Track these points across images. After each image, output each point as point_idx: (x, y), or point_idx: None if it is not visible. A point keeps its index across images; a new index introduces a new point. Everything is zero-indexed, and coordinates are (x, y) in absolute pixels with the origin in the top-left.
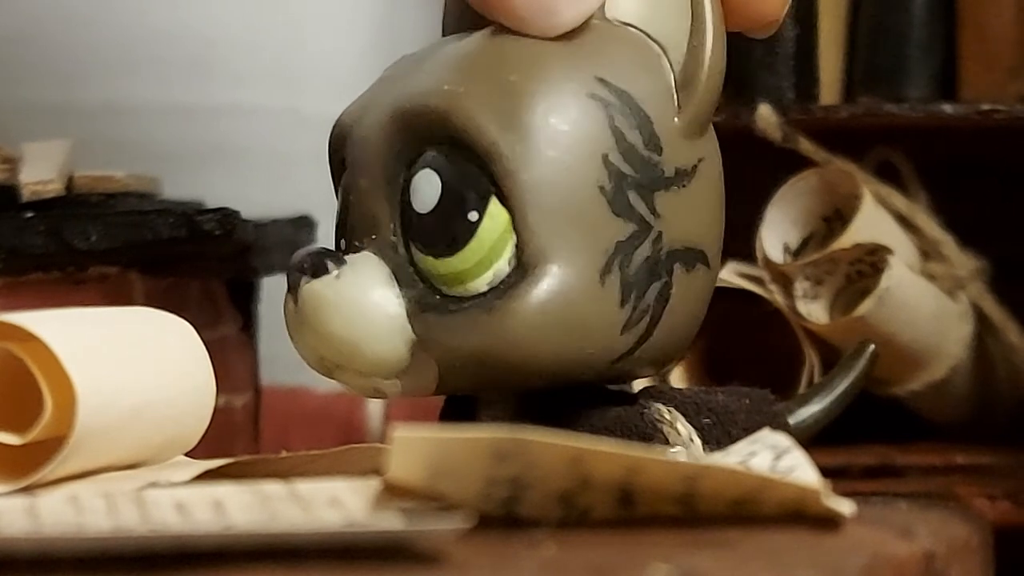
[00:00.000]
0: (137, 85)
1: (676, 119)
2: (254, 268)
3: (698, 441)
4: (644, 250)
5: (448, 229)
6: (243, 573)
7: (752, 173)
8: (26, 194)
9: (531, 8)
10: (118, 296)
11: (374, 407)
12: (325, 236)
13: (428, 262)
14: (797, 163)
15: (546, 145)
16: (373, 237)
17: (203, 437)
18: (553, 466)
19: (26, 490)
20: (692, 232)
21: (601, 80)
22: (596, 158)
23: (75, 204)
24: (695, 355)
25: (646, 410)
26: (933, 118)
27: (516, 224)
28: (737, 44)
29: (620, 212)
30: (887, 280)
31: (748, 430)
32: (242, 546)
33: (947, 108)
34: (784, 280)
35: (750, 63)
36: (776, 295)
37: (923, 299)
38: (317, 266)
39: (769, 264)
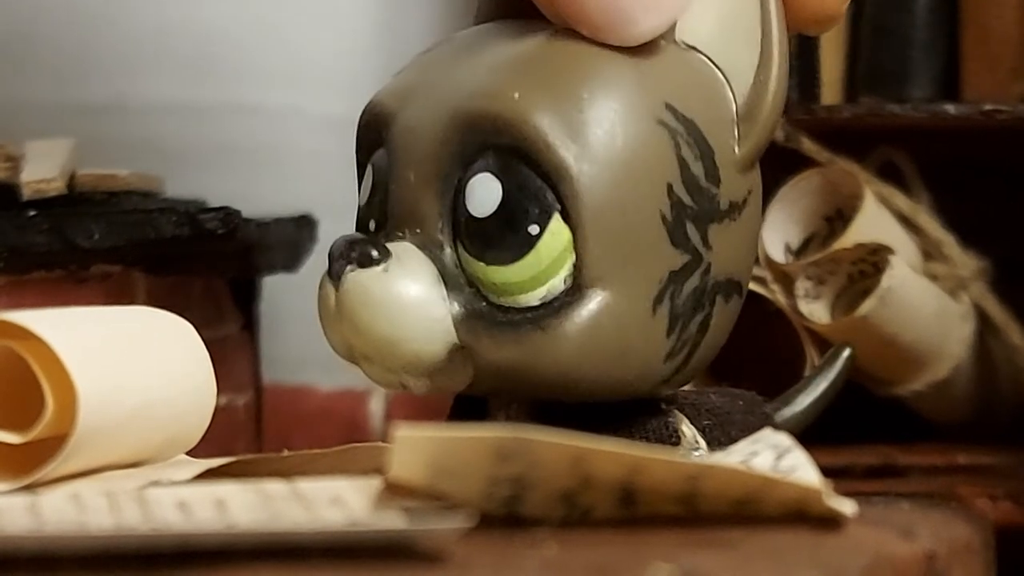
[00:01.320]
0: (140, 84)
1: (735, 151)
2: (256, 267)
3: (703, 441)
4: (694, 281)
5: (506, 238)
6: (245, 572)
7: None
8: (28, 192)
9: (608, 16)
10: (120, 294)
11: (376, 406)
12: (326, 235)
13: (479, 267)
14: (799, 163)
15: (615, 169)
16: (417, 231)
17: (205, 436)
18: (555, 465)
19: (28, 489)
20: (735, 264)
21: (670, 107)
22: (661, 187)
23: (78, 203)
24: None
25: (669, 418)
26: (935, 118)
27: (577, 244)
28: None
29: (677, 242)
30: (889, 280)
31: (745, 430)
32: (244, 545)
33: (950, 108)
34: (786, 280)
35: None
36: (778, 295)
37: (925, 299)
38: (364, 256)
39: (771, 264)
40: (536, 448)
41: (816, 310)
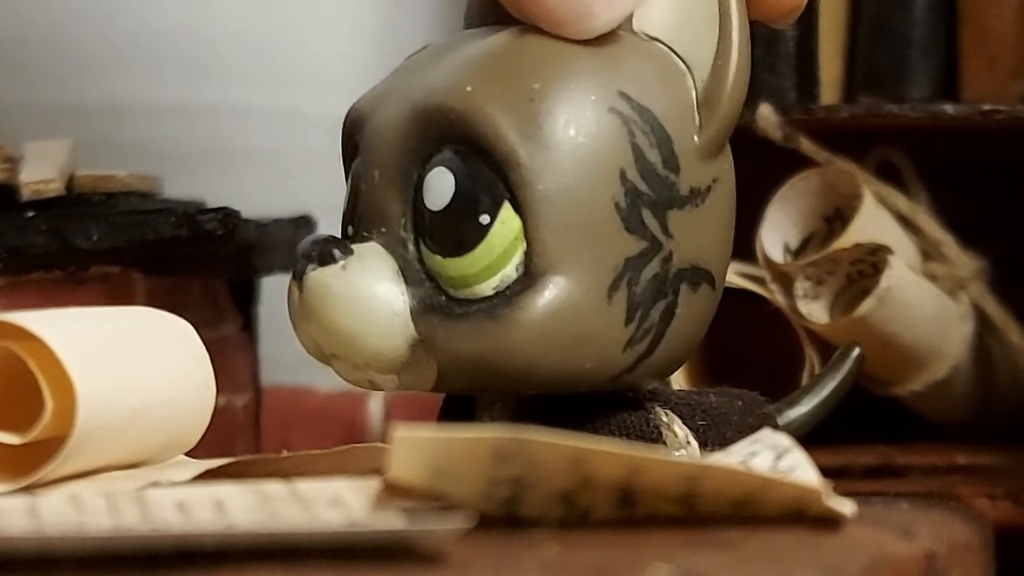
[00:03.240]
0: (138, 85)
1: (695, 138)
2: (255, 268)
3: (695, 443)
4: (653, 268)
5: (458, 230)
6: (244, 573)
7: (752, 173)
8: (27, 193)
9: (568, 10)
10: (119, 296)
11: (375, 407)
12: None
13: (436, 261)
14: (798, 163)
15: (565, 157)
16: (383, 230)
17: (204, 437)
18: (554, 466)
19: (27, 490)
20: (701, 252)
21: (624, 95)
22: (613, 174)
23: (76, 203)
24: (695, 355)
25: (650, 415)
26: (934, 118)
27: (528, 232)
28: None
29: (632, 229)
30: (888, 280)
31: (741, 431)
32: (243, 546)
33: (948, 108)
34: (785, 280)
35: (751, 63)
36: (777, 295)
37: (924, 299)
38: (324, 255)
39: (770, 264)
40: (535, 449)
41: (815, 310)
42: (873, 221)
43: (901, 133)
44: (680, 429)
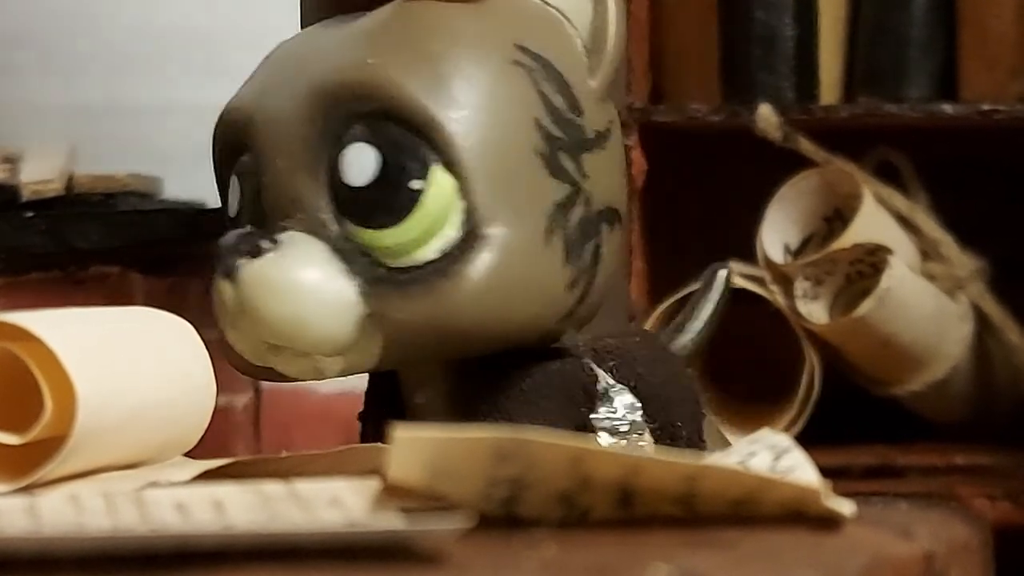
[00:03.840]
0: (138, 85)
1: (591, 83)
2: None
3: (613, 381)
4: (579, 210)
5: (390, 200)
6: (243, 573)
7: (752, 173)
8: (27, 194)
9: None
10: (119, 295)
11: None
12: None
13: (368, 235)
14: (797, 163)
15: (481, 111)
16: (300, 216)
17: (204, 437)
18: (553, 466)
19: (26, 490)
20: (612, 192)
21: (521, 47)
22: (529, 122)
23: (75, 204)
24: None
25: (582, 361)
26: (933, 118)
27: (463, 190)
28: (737, 45)
29: (555, 174)
30: (887, 280)
31: (646, 364)
32: (242, 546)
33: (947, 108)
34: (784, 280)
35: (750, 63)
36: (776, 295)
37: (923, 299)
38: (254, 247)
39: (769, 264)
40: (534, 449)
41: (814, 310)
42: (872, 221)
43: (900, 133)
44: (600, 372)
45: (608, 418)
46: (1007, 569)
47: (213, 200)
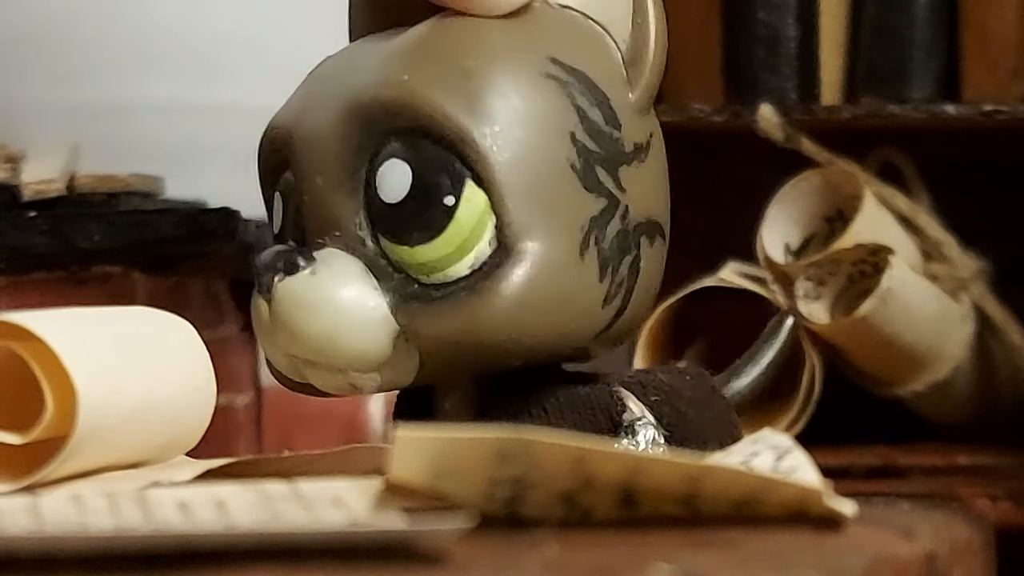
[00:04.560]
0: (140, 85)
1: (629, 95)
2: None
3: (650, 416)
4: (615, 224)
5: (424, 216)
6: (246, 572)
7: (753, 173)
8: (29, 193)
9: None
10: (120, 295)
11: (375, 407)
12: None
13: (403, 252)
14: (799, 163)
15: (514, 126)
16: (336, 234)
17: (205, 436)
18: (556, 466)
19: (28, 489)
20: (651, 205)
21: (555, 60)
22: (564, 136)
23: (77, 203)
24: (696, 355)
25: (612, 388)
26: (935, 119)
27: (495, 205)
28: (739, 45)
29: (591, 188)
30: (889, 280)
31: (693, 404)
32: (245, 546)
33: (949, 109)
34: (785, 280)
35: (752, 63)
36: (777, 295)
37: (925, 300)
38: (290, 264)
39: (771, 264)
40: (536, 449)
41: (816, 310)
42: (874, 221)
43: (902, 133)
44: (635, 404)
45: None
46: (1009, 569)
47: (215, 200)
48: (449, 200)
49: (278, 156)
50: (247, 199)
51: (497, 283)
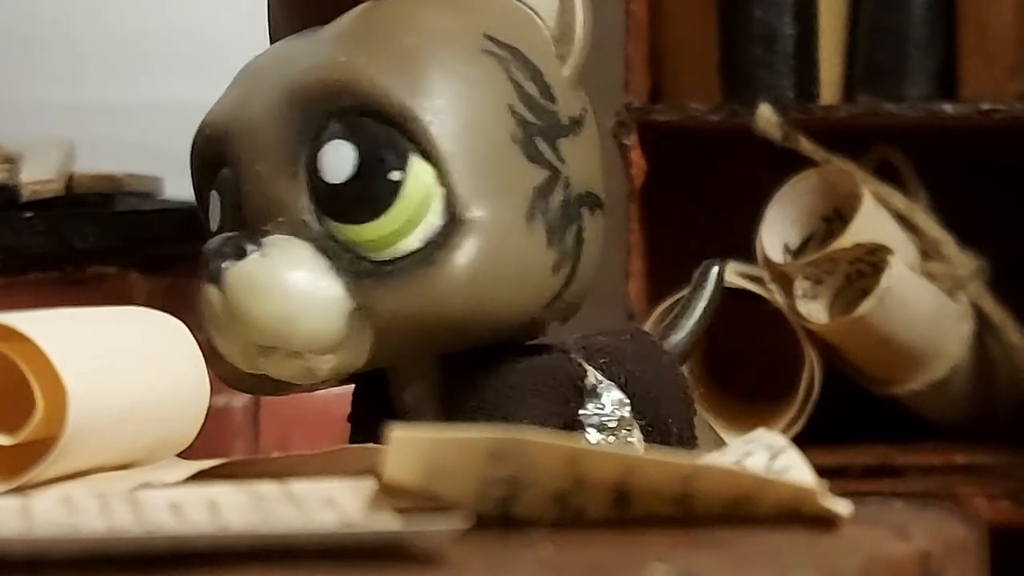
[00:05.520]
0: (138, 85)
1: (562, 70)
2: None
3: (602, 378)
4: (558, 195)
5: (369, 194)
6: (238, 574)
7: (751, 173)
8: (26, 194)
9: None
10: (117, 295)
11: None
12: None
13: (350, 231)
14: (797, 163)
15: (456, 100)
16: (281, 220)
17: (203, 437)
18: (549, 466)
19: (19, 491)
20: (590, 177)
21: (490, 37)
22: (503, 109)
23: (74, 204)
24: (696, 354)
25: (570, 356)
26: (933, 117)
27: (442, 177)
28: (736, 44)
29: (533, 158)
30: (887, 280)
31: (637, 362)
32: (237, 547)
33: (947, 107)
34: (784, 280)
35: (749, 62)
36: (776, 295)
37: (923, 299)
38: (239, 248)
39: (769, 264)
40: (530, 449)
41: (814, 310)
42: (872, 221)
43: (900, 132)
44: (588, 369)
45: (596, 414)
46: (1007, 569)
47: None
48: (395, 175)
49: (214, 152)
50: None
51: (450, 253)
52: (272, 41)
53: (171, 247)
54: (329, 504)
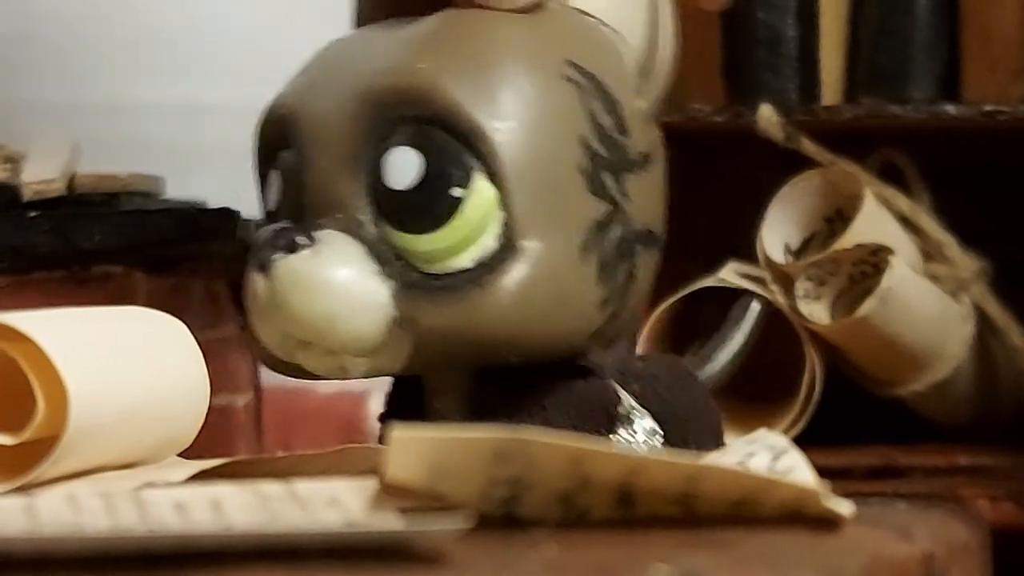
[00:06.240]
0: (140, 85)
1: (638, 104)
2: None
3: (636, 405)
4: (616, 230)
5: (430, 205)
6: (242, 573)
7: (754, 173)
8: (29, 193)
9: None
10: (121, 295)
11: (375, 406)
12: None
13: (405, 239)
14: (799, 164)
15: (528, 124)
16: (338, 216)
17: (206, 437)
18: (553, 466)
19: (23, 490)
20: (650, 214)
21: (572, 63)
22: (574, 138)
23: (78, 203)
24: (696, 355)
25: (606, 382)
26: (936, 119)
27: (503, 201)
28: (739, 45)
29: (596, 192)
30: (889, 280)
31: (672, 390)
32: (241, 546)
33: (950, 109)
34: (786, 280)
35: (752, 64)
36: (778, 295)
37: (925, 300)
38: (291, 242)
39: (771, 264)
40: (534, 449)
41: (816, 311)
42: (874, 222)
43: (903, 134)
44: (622, 394)
45: (627, 441)
46: (1009, 570)
47: (215, 200)
48: (457, 191)
49: (280, 133)
50: (247, 199)
51: (499, 278)
52: (357, 26)
53: (174, 247)
54: (333, 504)
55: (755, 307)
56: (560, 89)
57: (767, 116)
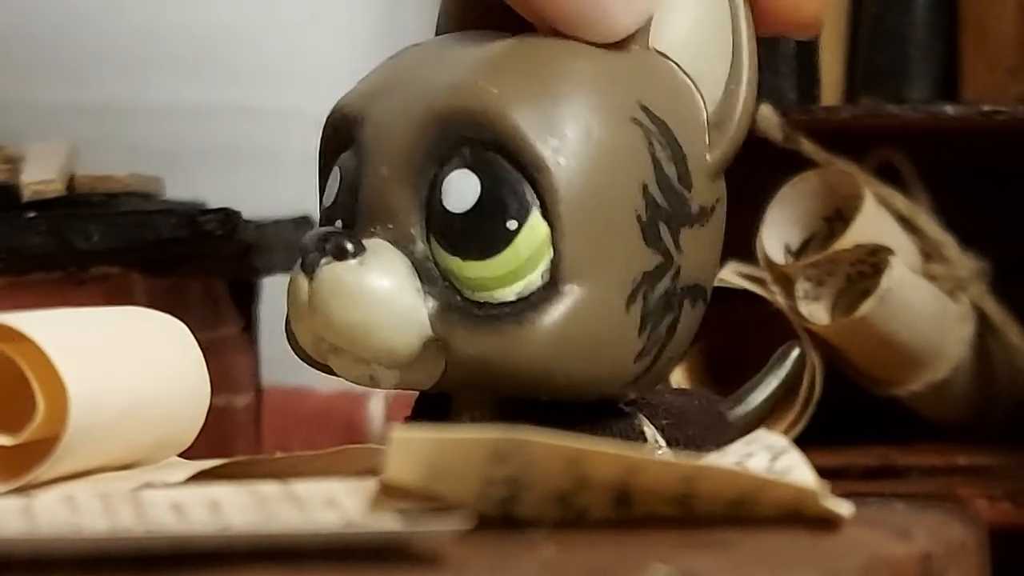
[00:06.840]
0: (139, 85)
1: (707, 157)
2: (255, 268)
3: (662, 441)
4: (665, 283)
5: (483, 233)
6: (240, 574)
7: (753, 173)
8: (27, 194)
9: (586, 11)
10: (119, 296)
11: (375, 407)
12: None
13: (453, 262)
14: (798, 164)
15: (592, 164)
16: (390, 227)
17: (205, 437)
18: (551, 466)
19: (21, 491)
20: (702, 270)
21: (643, 107)
22: (636, 185)
23: (76, 204)
24: (696, 355)
25: (635, 420)
26: (934, 119)
27: (555, 239)
28: None
29: (651, 243)
30: (888, 281)
31: (701, 429)
32: (239, 547)
33: (948, 109)
34: (785, 281)
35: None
36: (777, 296)
37: (924, 300)
38: (339, 249)
39: (770, 265)
40: (532, 449)
41: (816, 311)
42: (873, 222)
43: (901, 134)
44: (648, 429)
45: None
46: (1008, 570)
47: (214, 200)
48: (512, 224)
49: (345, 134)
50: (247, 199)
51: (539, 317)
52: (438, 33)
53: (173, 248)
54: (331, 504)
55: (795, 354)
56: (628, 132)
57: (767, 116)
